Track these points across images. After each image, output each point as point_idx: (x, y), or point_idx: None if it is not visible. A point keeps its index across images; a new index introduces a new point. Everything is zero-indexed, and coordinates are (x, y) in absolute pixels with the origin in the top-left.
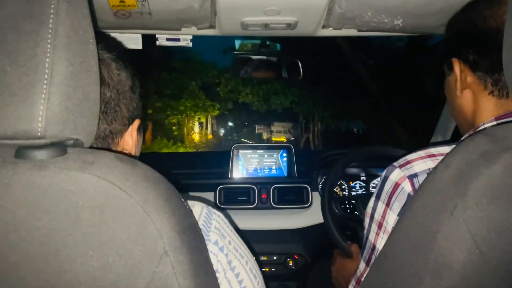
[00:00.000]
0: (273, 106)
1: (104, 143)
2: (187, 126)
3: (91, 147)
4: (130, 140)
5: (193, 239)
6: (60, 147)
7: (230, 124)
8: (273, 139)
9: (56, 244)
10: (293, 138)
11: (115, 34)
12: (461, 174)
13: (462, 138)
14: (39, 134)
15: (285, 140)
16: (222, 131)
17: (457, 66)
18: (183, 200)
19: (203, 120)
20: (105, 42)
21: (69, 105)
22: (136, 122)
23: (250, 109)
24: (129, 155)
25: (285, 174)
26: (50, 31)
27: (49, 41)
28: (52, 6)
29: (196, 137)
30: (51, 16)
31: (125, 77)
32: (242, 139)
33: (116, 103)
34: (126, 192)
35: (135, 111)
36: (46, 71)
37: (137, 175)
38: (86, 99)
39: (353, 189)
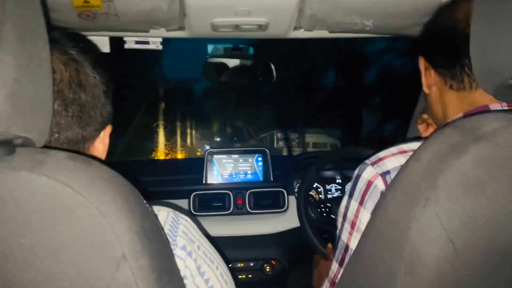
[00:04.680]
0: None
1: (75, 148)
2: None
3: (61, 149)
4: (101, 147)
5: (156, 243)
6: (6, 145)
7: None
8: None
9: (3, 252)
10: None
11: None
12: (431, 166)
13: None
14: None
15: None
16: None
17: (422, 64)
18: (145, 201)
19: None
20: (82, 44)
21: (17, 102)
22: (109, 128)
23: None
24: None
25: (261, 179)
26: None
27: None
28: None
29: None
30: None
31: (100, 81)
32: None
33: (91, 107)
34: (80, 193)
35: (108, 117)
36: None
37: (91, 174)
38: (36, 96)
39: (329, 192)
